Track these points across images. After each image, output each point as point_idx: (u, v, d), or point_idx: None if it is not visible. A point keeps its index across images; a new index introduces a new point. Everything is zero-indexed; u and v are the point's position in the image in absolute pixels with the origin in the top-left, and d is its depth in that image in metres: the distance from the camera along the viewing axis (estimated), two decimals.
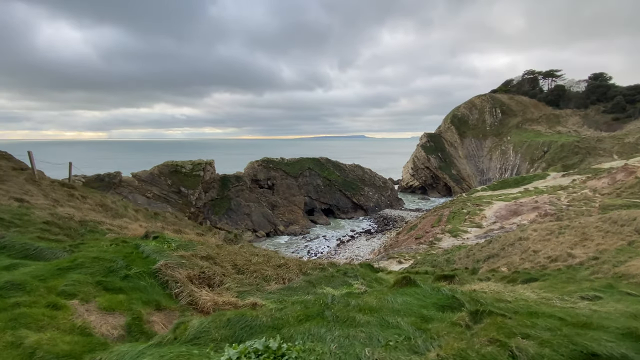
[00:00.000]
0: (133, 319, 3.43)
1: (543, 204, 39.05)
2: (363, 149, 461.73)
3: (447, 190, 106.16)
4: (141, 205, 58.36)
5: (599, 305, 3.51)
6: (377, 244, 58.97)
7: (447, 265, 22.94)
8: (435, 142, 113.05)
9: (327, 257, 55.97)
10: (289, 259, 7.48)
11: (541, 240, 16.50)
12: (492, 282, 6.09)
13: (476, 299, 3.42)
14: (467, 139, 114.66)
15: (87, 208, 11.69)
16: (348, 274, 7.32)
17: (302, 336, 2.50)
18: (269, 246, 62.45)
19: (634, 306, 3.59)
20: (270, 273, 5.58)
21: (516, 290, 4.32)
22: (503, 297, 3.67)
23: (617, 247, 11.43)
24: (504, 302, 3.34)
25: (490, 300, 3.36)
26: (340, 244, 62.55)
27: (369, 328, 2.69)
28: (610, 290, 4.42)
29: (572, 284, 5.07)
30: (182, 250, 5.12)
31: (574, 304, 3.58)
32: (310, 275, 6.46)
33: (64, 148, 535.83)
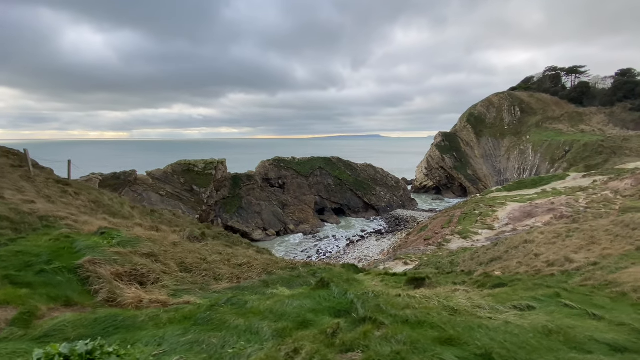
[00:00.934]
0: (22, 314, 3.37)
1: (559, 206, 37.44)
2: (378, 149, 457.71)
3: (462, 190, 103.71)
4: (154, 203, 59.98)
5: (521, 316, 3.18)
6: (387, 244, 58.17)
7: (450, 267, 22.31)
8: (451, 142, 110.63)
9: (336, 256, 55.67)
10: (255, 258, 7.34)
11: (547, 243, 15.71)
12: (460, 287, 5.75)
13: (374, 304, 3.16)
14: (484, 138, 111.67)
15: (78, 204, 11.92)
16: (317, 274, 7.12)
17: (156, 339, 2.37)
18: (279, 246, 62.72)
19: (558, 321, 3.24)
20: (225, 272, 5.45)
21: (457, 296, 4.00)
22: (422, 302, 3.39)
23: (622, 253, 10.67)
24: (410, 309, 3.08)
25: (389, 307, 3.09)
26: (349, 244, 62.10)
27: (229, 333, 2.52)
28: (552, 300, 4.02)
29: (529, 291, 4.70)
30: (121, 247, 5.08)
31: (498, 314, 3.27)
32: (273, 275, 6.30)
33: (89, 148, 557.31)
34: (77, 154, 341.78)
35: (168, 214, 17.78)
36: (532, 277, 7.48)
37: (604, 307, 3.95)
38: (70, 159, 15.49)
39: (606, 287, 6.01)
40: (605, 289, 5.74)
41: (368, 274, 8.88)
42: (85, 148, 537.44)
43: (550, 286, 5.05)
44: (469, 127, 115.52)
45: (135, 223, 8.60)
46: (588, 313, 3.60)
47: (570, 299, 4.08)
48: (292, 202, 72.49)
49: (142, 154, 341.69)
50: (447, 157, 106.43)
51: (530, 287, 5.17)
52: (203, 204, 61.54)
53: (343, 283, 5.89)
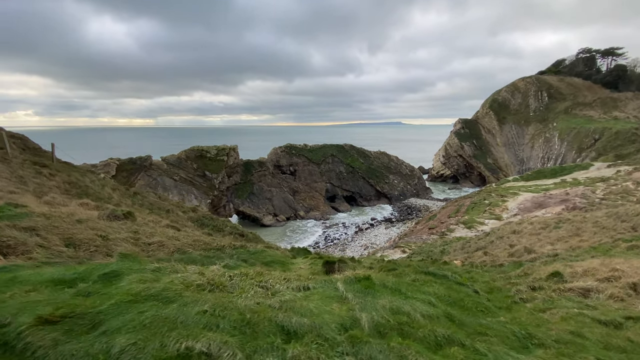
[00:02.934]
0: None
1: (573, 197, 35.47)
2: (398, 136, 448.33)
3: (481, 180, 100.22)
4: (168, 187, 61.97)
5: (289, 296, 3.09)
6: (396, 233, 57.59)
7: (441, 255, 21.88)
8: (471, 129, 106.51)
9: (343, 243, 55.80)
10: (177, 239, 7.45)
11: (532, 234, 14.97)
12: (359, 270, 5.60)
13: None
14: (507, 125, 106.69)
15: (51, 184, 12.48)
16: (241, 257, 7.15)
17: None
18: (289, 232, 63.57)
19: (300, 300, 3.05)
20: (123, 249, 5.61)
21: (275, 278, 3.90)
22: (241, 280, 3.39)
23: (592, 245, 9.97)
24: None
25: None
26: (358, 231, 62.02)
27: None
28: (365, 283, 3.83)
29: (398, 276, 4.53)
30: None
31: (277, 295, 3.17)
32: (183, 255, 6.40)
33: (117, 134, 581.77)
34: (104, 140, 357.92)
35: (153, 197, 18.35)
36: (439, 266, 7.17)
37: (405, 293, 3.72)
38: (53, 143, 16.23)
39: (525, 277, 5.65)
40: (522, 277, 5.41)
41: (307, 258, 8.80)
42: (113, 134, 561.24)
43: (442, 275, 4.81)
44: (491, 114, 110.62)
45: (83, 202, 8.96)
46: (343, 297, 3.40)
47: (384, 282, 3.86)
48: (302, 189, 72.91)
49: (166, 140, 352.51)
50: (466, 145, 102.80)
51: (404, 272, 4.94)
52: (215, 189, 63.07)
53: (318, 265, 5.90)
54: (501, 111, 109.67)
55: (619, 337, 2.92)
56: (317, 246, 55.74)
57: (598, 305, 3.84)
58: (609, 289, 4.21)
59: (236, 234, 20.10)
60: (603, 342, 2.85)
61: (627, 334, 2.99)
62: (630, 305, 3.83)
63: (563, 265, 6.22)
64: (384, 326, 2.72)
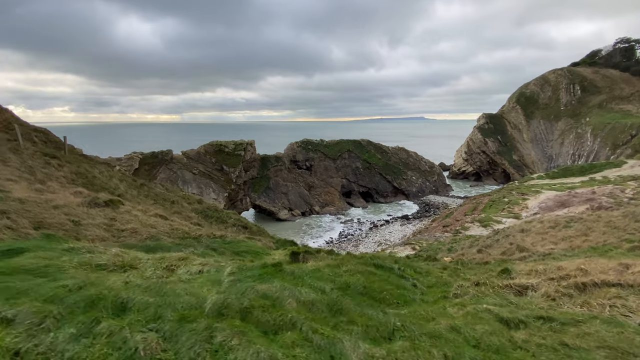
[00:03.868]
0: None
1: (600, 196, 33.40)
2: (420, 132, 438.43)
3: (505, 177, 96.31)
4: (187, 181, 63.89)
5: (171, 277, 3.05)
6: (411, 230, 56.57)
7: (448, 253, 21.36)
8: (495, 124, 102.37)
9: (357, 239, 55.50)
10: (153, 226, 7.66)
11: (539, 233, 14.22)
12: (319, 262, 5.54)
13: None
14: (535, 120, 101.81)
15: (58, 175, 13.15)
16: (212, 246, 7.26)
17: None
18: (303, 226, 63.94)
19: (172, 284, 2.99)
20: (92, 234, 5.83)
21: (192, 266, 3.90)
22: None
23: (596, 245, 9.31)
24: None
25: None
26: (373, 227, 61.44)
27: None
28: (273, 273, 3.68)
29: (332, 268, 4.46)
30: None
31: (173, 276, 3.15)
32: (155, 242, 6.58)
33: (145, 129, 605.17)
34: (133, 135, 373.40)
35: (160, 189, 18.95)
36: (417, 259, 6.91)
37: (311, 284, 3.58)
38: (65, 136, 17.08)
39: (486, 273, 5.36)
40: (483, 273, 5.15)
41: (285, 250, 8.81)
42: (141, 129, 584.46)
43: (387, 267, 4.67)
44: (518, 108, 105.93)
45: (76, 191, 9.42)
46: (220, 281, 3.30)
47: (295, 270, 3.75)
48: (318, 184, 73.00)
49: (190, 135, 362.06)
50: (490, 141, 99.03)
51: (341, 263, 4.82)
52: (232, 183, 64.34)
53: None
54: (529, 105, 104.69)
55: (503, 336, 2.69)
56: (331, 241, 55.78)
57: (524, 303, 3.56)
58: (547, 287, 3.89)
59: (239, 226, 20.44)
60: (478, 340, 2.64)
61: (517, 333, 2.74)
62: (558, 305, 3.51)
63: (541, 264, 5.85)
64: (235, 309, 2.67)
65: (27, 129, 21.39)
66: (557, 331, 2.90)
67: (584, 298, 3.61)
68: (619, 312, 3.30)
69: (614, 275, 4.09)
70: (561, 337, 2.70)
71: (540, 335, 2.76)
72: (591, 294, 3.72)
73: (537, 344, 2.61)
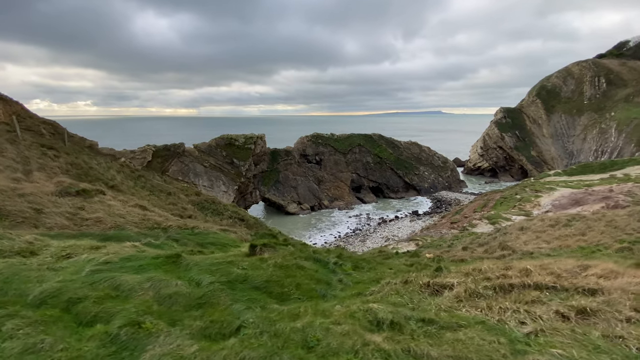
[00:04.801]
0: None
1: (617, 194, 31.83)
2: (437, 126, 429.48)
3: (522, 174, 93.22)
4: (199, 173, 64.95)
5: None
6: (420, 226, 55.72)
7: (447, 249, 20.93)
8: (513, 118, 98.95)
9: (364, 234, 55.19)
10: (120, 216, 7.73)
11: (537, 231, 13.62)
12: (274, 253, 5.46)
13: None
14: (556, 114, 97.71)
15: (53, 165, 13.51)
16: (171, 236, 7.28)
17: None
18: (312, 220, 64.02)
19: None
20: (52, 222, 5.94)
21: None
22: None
23: (587, 245, 8.78)
24: None
25: None
26: (381, 223, 60.92)
27: None
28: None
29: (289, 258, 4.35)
30: None
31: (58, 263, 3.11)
32: (117, 231, 6.65)
33: (164, 123, 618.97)
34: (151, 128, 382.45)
35: (157, 180, 19.28)
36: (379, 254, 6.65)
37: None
38: (65, 128, 17.56)
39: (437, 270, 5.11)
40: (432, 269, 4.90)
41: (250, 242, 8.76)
42: (160, 123, 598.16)
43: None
44: (538, 102, 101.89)
45: (59, 180, 9.67)
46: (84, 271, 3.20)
47: (192, 260, 3.61)
48: (328, 179, 72.81)
49: (206, 129, 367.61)
50: (507, 136, 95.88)
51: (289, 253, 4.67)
52: (242, 176, 65.00)
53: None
54: (550, 99, 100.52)
55: (356, 338, 2.49)
56: (339, 236, 55.68)
57: (427, 304, 3.29)
58: (463, 287, 3.61)
59: (236, 218, 20.59)
60: (320, 340, 2.45)
61: (374, 336, 2.51)
62: (460, 307, 3.23)
63: (502, 262, 5.54)
64: (63, 299, 2.61)
65: (36, 122, 22.12)
66: (429, 335, 2.68)
67: (492, 301, 3.33)
68: (517, 318, 3.01)
69: (562, 277, 3.76)
70: (416, 343, 2.49)
71: (396, 339, 2.55)
72: (508, 297, 3.44)
73: (379, 349, 2.40)
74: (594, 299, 3.16)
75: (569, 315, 2.96)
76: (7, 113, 21.25)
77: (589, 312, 2.97)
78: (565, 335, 2.65)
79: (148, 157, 60.08)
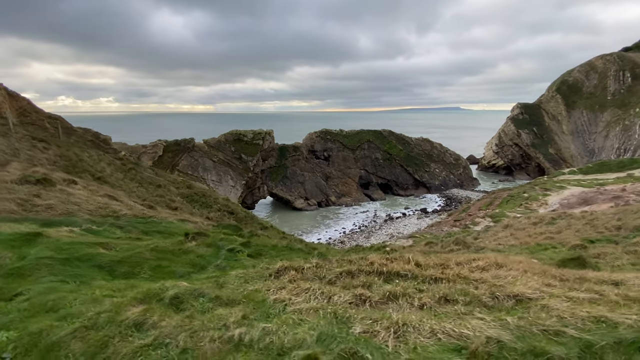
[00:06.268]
0: None
1: (629, 194, 30.38)
2: (454, 123, 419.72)
3: (539, 172, 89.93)
4: (208, 168, 66.15)
5: None
6: (427, 223, 54.90)
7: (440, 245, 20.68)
8: (531, 115, 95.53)
9: (370, 230, 54.93)
10: (64, 203, 8.09)
11: (518, 229, 13.26)
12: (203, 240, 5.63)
13: None
14: (577, 110, 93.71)
15: (41, 157, 14.17)
16: (117, 223, 7.56)
17: None
18: (318, 216, 64.16)
19: None
20: (1, 207, 6.31)
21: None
22: None
23: (546, 242, 8.48)
24: None
25: None
26: (388, 219, 60.44)
27: None
28: None
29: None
30: None
31: None
32: (68, 217, 7.00)
33: (181, 119, 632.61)
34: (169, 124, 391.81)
35: (149, 173, 19.86)
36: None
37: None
38: (59, 121, 18.24)
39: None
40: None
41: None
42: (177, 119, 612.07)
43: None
44: (558, 98, 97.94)
45: (34, 170, 10.19)
46: None
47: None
48: (335, 175, 72.70)
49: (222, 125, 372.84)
50: (524, 133, 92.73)
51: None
52: (249, 171, 65.83)
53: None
54: (571, 94, 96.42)
55: (113, 312, 2.63)
56: (344, 232, 55.65)
57: (247, 285, 3.39)
58: (297, 272, 3.66)
59: (225, 211, 20.97)
60: (52, 307, 2.63)
61: (134, 309, 2.63)
62: (269, 288, 3.28)
63: (433, 256, 5.50)
64: None
65: (41, 116, 23.12)
66: (203, 311, 2.78)
67: (316, 284, 3.36)
68: (314, 297, 3.04)
69: (431, 267, 3.74)
70: (169, 315, 2.62)
71: (157, 311, 2.68)
72: (342, 282, 3.45)
73: (127, 318, 2.55)
74: (407, 285, 3.14)
75: (370, 299, 2.98)
76: (13, 108, 22.35)
77: (391, 298, 2.96)
78: (323, 313, 2.73)
79: (159, 151, 61.75)
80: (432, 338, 2.39)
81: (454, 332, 2.40)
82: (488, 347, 2.22)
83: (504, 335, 2.35)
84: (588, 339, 2.27)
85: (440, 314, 2.72)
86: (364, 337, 2.36)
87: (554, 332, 2.39)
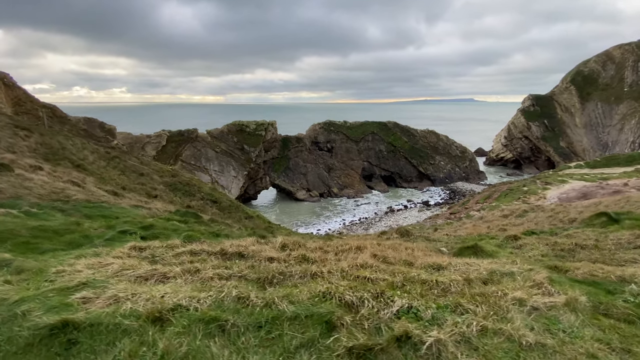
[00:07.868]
0: None
1: (630, 188, 29.49)
2: (467, 115, 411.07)
3: (549, 166, 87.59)
4: (210, 158, 66.83)
5: None
6: (427, 216, 54.52)
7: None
8: (542, 107, 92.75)
9: (369, 222, 54.92)
10: (14, 187, 8.43)
11: (488, 221, 13.14)
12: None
13: None
14: (591, 102, 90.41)
15: (22, 144, 14.67)
16: (63, 207, 7.84)
17: None
18: (318, 208, 64.35)
19: None
20: None
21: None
22: None
23: (492, 234, 8.39)
24: None
25: None
26: (389, 212, 60.27)
27: None
28: None
29: None
30: None
31: None
32: (15, 200, 7.32)
33: (192, 110, 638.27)
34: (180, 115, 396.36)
35: (134, 161, 20.29)
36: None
37: None
38: (43, 110, 18.74)
39: None
40: None
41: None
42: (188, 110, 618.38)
43: None
44: (572, 89, 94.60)
45: (10, 160, 10.59)
46: None
47: None
48: (338, 166, 72.57)
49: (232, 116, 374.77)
50: (534, 125, 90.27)
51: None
52: (252, 162, 66.31)
53: None
54: (586, 86, 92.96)
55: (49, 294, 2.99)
56: (344, 223, 55.80)
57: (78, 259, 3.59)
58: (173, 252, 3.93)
59: (208, 200, 21.32)
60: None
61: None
62: (76, 264, 3.52)
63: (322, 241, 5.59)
64: None
65: (35, 105, 23.79)
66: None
67: (132, 262, 3.54)
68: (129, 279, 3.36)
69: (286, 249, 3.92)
70: None
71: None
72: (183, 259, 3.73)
73: None
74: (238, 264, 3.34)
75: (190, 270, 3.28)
76: (8, 97, 23.02)
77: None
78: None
79: (163, 141, 62.75)
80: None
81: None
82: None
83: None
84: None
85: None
86: None
87: None
